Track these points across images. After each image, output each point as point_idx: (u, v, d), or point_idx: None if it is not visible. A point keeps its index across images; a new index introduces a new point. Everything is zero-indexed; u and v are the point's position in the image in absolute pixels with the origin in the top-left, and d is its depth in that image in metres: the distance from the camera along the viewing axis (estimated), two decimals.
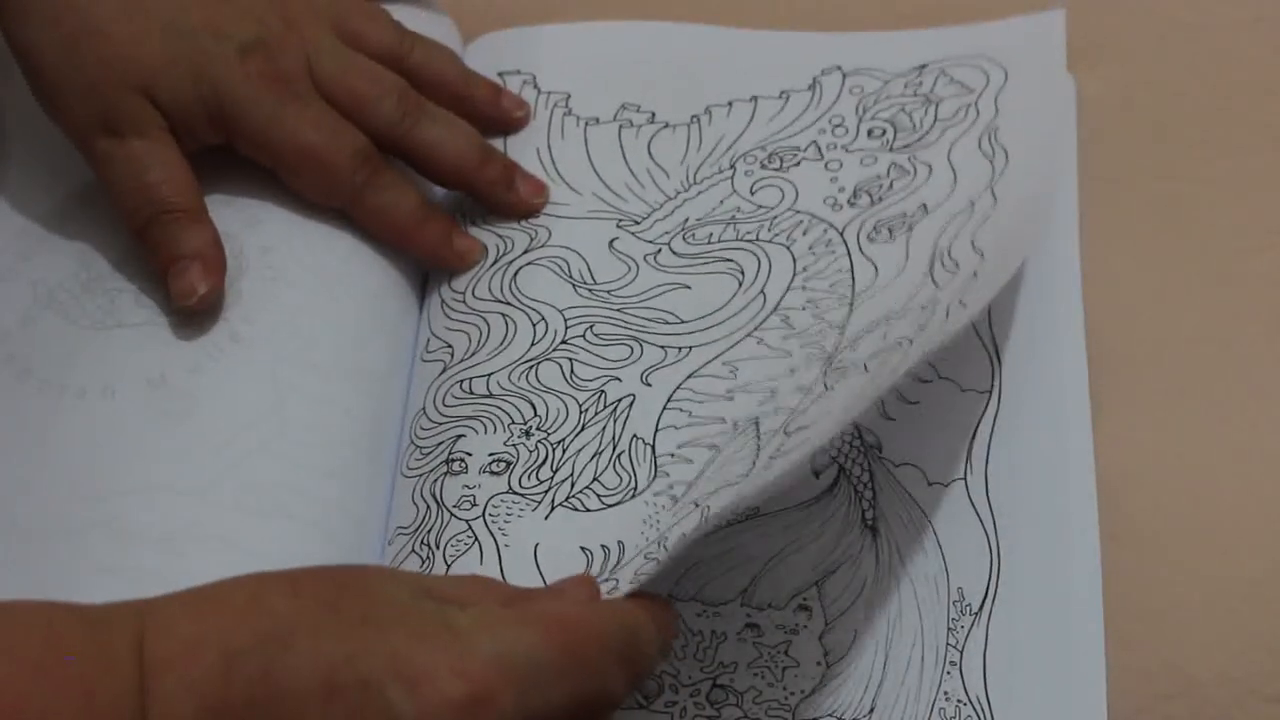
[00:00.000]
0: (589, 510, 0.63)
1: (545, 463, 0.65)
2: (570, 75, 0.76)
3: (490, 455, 0.65)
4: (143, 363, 0.66)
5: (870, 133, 0.73)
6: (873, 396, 0.59)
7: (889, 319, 0.65)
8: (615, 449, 0.65)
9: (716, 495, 0.61)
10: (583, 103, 0.75)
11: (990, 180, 0.69)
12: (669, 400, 0.66)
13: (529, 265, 0.70)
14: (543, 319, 0.69)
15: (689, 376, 0.67)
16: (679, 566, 0.62)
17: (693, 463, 0.64)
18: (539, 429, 0.66)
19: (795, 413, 0.63)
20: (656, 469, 0.64)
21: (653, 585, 0.56)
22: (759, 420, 0.64)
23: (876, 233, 0.69)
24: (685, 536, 0.58)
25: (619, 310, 0.69)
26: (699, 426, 0.65)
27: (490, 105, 0.74)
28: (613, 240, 0.71)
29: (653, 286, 0.69)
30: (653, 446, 0.65)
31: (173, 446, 0.64)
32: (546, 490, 0.64)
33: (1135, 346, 0.68)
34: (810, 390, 0.64)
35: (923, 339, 0.61)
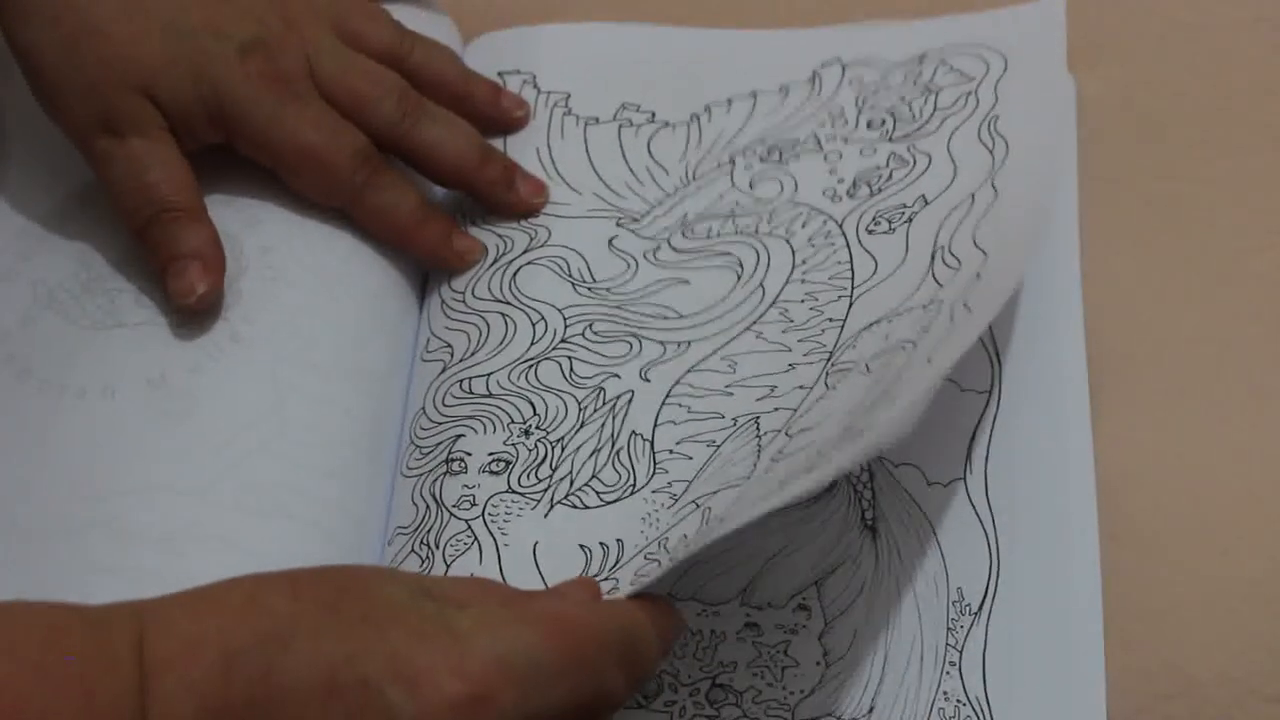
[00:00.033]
0: (588, 508, 0.63)
1: (544, 461, 0.65)
2: (570, 75, 0.76)
3: (490, 455, 0.65)
4: (143, 363, 0.66)
5: (870, 123, 0.72)
6: (876, 398, 0.59)
7: (890, 318, 0.64)
8: (614, 446, 0.65)
9: (717, 496, 0.61)
10: (582, 102, 0.75)
11: (990, 171, 0.68)
12: (667, 396, 0.66)
13: (529, 265, 0.70)
14: (542, 318, 0.69)
15: (688, 372, 0.67)
16: (680, 567, 0.62)
17: (691, 459, 0.64)
18: (538, 428, 0.66)
19: (797, 414, 0.63)
20: (655, 465, 0.64)
21: (653, 585, 0.56)
22: (759, 418, 0.64)
23: (876, 224, 0.69)
24: (686, 538, 0.58)
25: (618, 307, 0.69)
26: (697, 422, 0.65)
27: (490, 105, 0.74)
28: (612, 239, 0.71)
29: (652, 283, 0.69)
30: (651, 443, 0.65)
31: (173, 446, 0.64)
32: (546, 489, 0.64)
33: (1135, 346, 0.67)
34: (811, 389, 0.64)
35: (927, 342, 0.61)
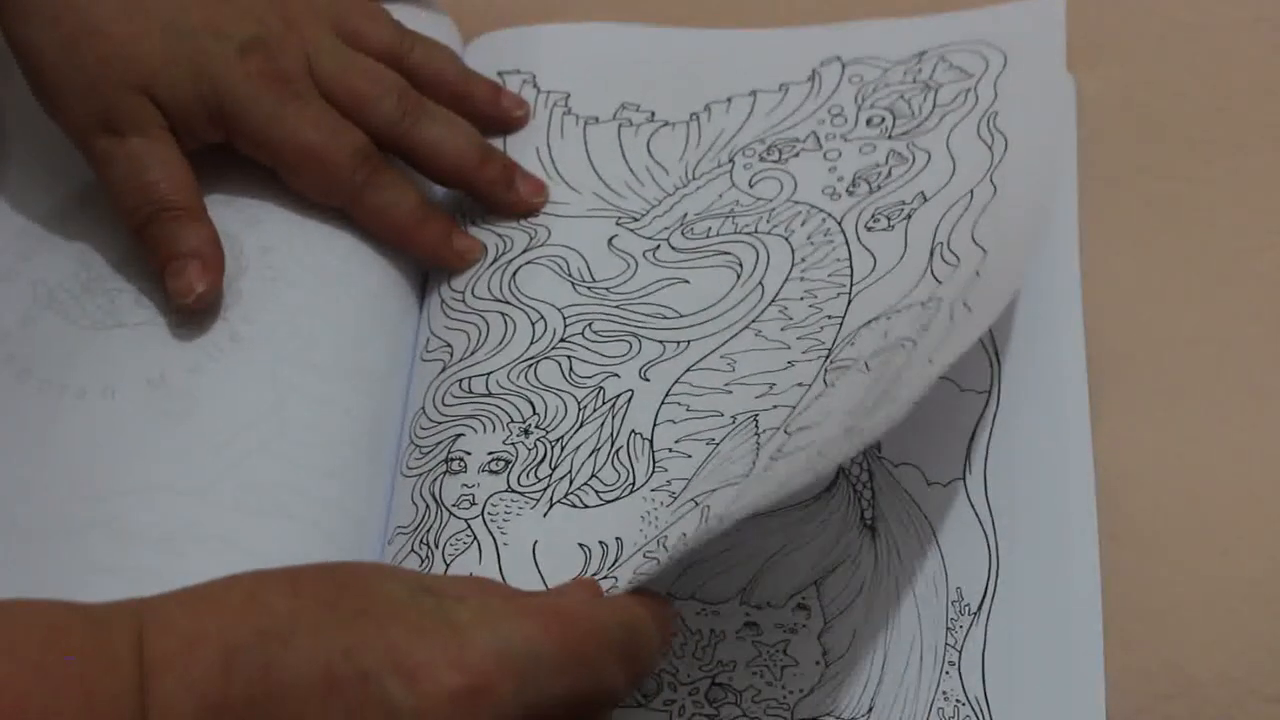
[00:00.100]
0: (587, 507, 0.63)
1: (544, 461, 0.65)
2: (570, 75, 0.76)
3: (489, 454, 0.65)
4: (143, 363, 0.66)
5: (869, 121, 0.72)
6: (877, 398, 0.59)
7: (889, 314, 0.64)
8: (613, 445, 0.65)
9: (716, 494, 0.61)
10: (582, 102, 0.75)
11: (989, 168, 0.68)
12: (667, 395, 0.66)
13: (528, 264, 0.70)
14: (542, 318, 0.69)
15: (687, 370, 0.67)
16: (679, 565, 0.62)
17: (690, 457, 0.64)
18: (538, 427, 0.66)
19: (796, 411, 0.63)
20: (654, 464, 0.64)
21: (652, 584, 0.56)
22: (758, 417, 0.64)
23: (875, 221, 0.69)
24: (685, 537, 0.58)
25: (617, 307, 0.69)
26: (696, 420, 0.65)
27: (490, 104, 0.74)
28: (612, 238, 0.71)
29: (651, 282, 0.69)
30: (650, 441, 0.65)
31: (173, 446, 0.64)
32: (545, 488, 0.64)
33: (1135, 346, 0.67)
34: (810, 387, 0.64)
35: (927, 341, 0.61)
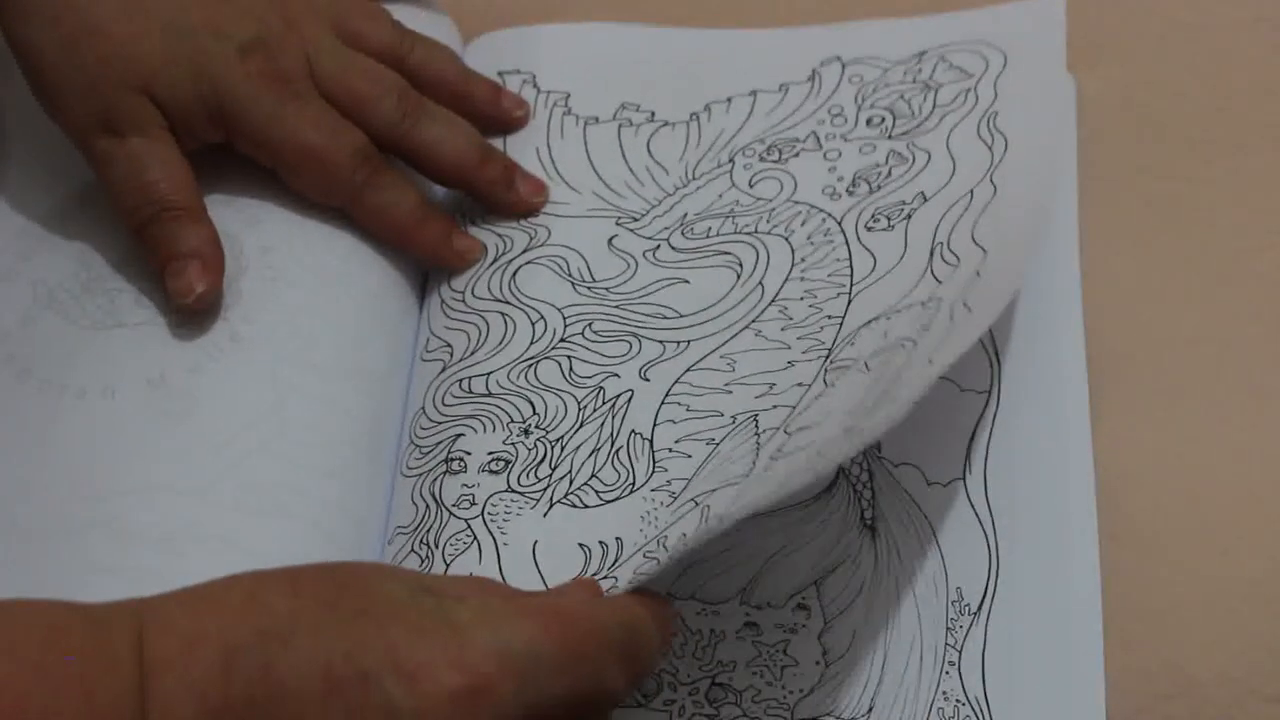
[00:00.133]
0: (587, 507, 0.63)
1: (544, 461, 0.65)
2: (570, 75, 0.76)
3: (489, 454, 0.65)
4: (143, 363, 0.66)
5: (869, 121, 0.72)
6: (877, 398, 0.59)
7: (888, 314, 0.64)
8: (613, 445, 0.65)
9: (716, 494, 0.61)
10: (582, 102, 0.75)
11: (989, 168, 0.68)
12: (667, 395, 0.66)
13: (528, 264, 0.70)
14: (541, 318, 0.69)
15: (687, 370, 0.66)
16: (679, 565, 0.62)
17: (690, 457, 0.64)
18: (538, 427, 0.66)
19: (795, 412, 0.63)
20: (654, 464, 0.64)
21: (652, 584, 0.56)
22: (758, 417, 0.64)
23: (875, 221, 0.69)
24: (685, 537, 0.58)
25: (617, 307, 0.69)
26: (697, 421, 0.65)
27: (490, 104, 0.74)
28: (612, 238, 0.71)
29: (651, 282, 0.69)
30: (650, 441, 0.65)
31: (173, 446, 0.64)
32: (545, 488, 0.64)
33: (1135, 346, 0.67)
34: (810, 387, 0.64)
35: (928, 341, 0.61)
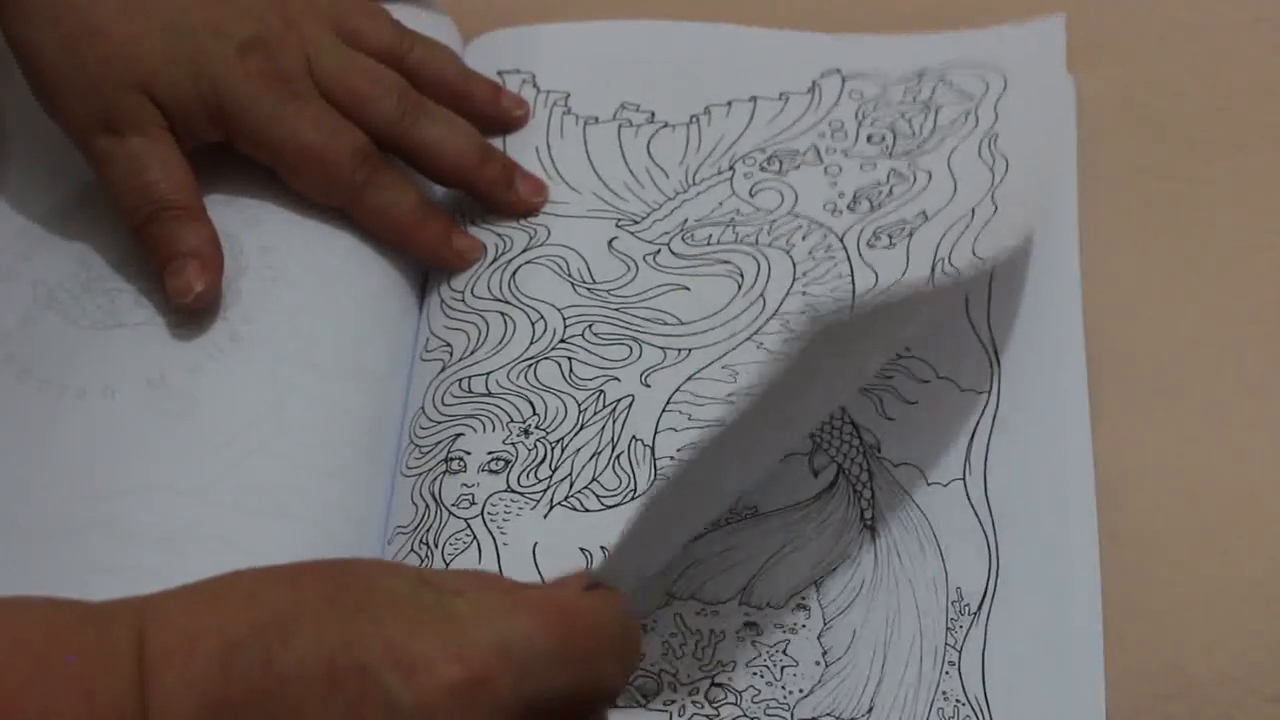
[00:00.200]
0: (588, 510, 0.63)
1: (544, 462, 0.65)
2: (569, 74, 0.76)
3: (489, 454, 0.65)
4: (143, 363, 0.66)
5: (870, 138, 0.73)
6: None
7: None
8: (614, 450, 0.65)
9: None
10: (582, 102, 0.75)
11: (991, 188, 0.69)
12: (668, 402, 0.66)
13: (528, 264, 0.70)
14: (541, 318, 0.69)
15: (689, 379, 0.67)
16: (677, 565, 0.62)
17: None
18: (538, 428, 0.66)
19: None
20: (656, 472, 0.64)
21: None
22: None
23: (876, 239, 0.69)
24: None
25: (618, 310, 0.69)
26: (698, 430, 0.65)
27: (490, 104, 0.74)
28: (612, 240, 0.71)
29: (652, 287, 0.69)
30: (652, 449, 0.65)
31: (173, 446, 0.64)
32: (545, 489, 0.64)
33: (1135, 346, 0.67)
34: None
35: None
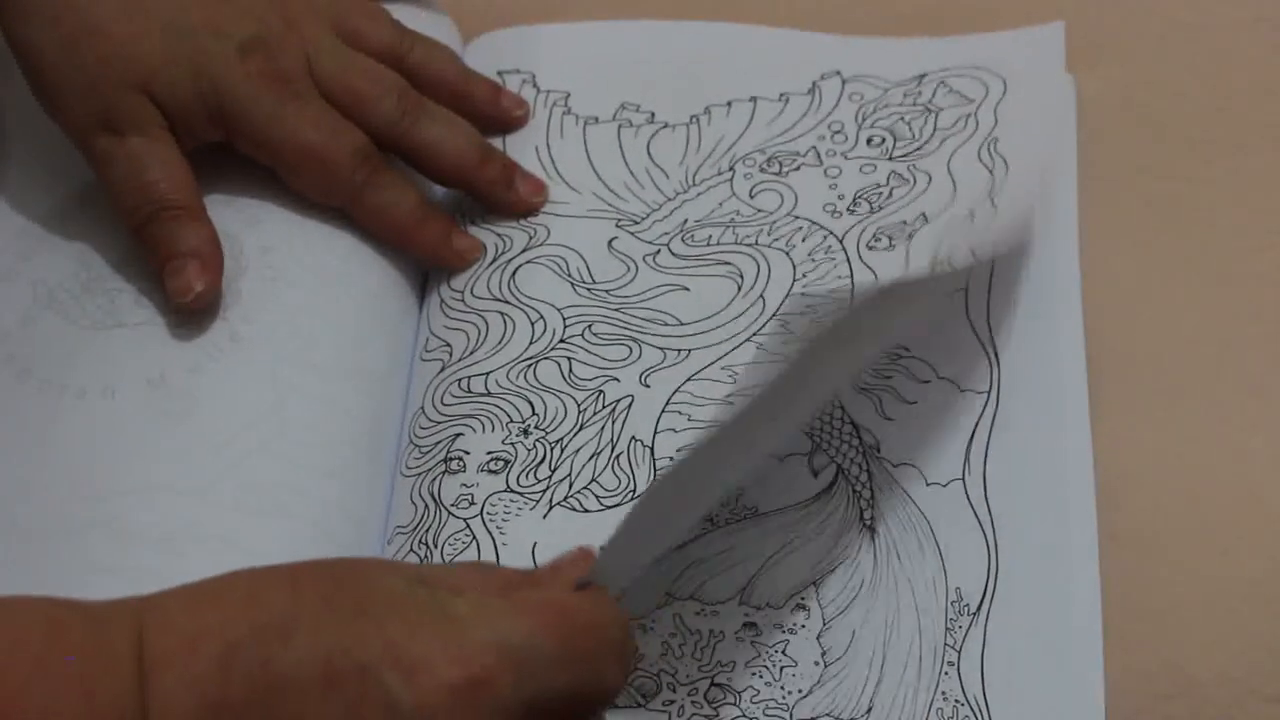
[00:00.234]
0: (587, 511, 0.63)
1: (543, 462, 0.65)
2: (569, 74, 0.76)
3: (488, 454, 0.65)
4: (143, 363, 0.66)
5: (870, 141, 0.73)
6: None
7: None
8: (614, 450, 0.65)
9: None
10: (582, 102, 0.75)
11: (990, 190, 0.69)
12: (668, 403, 0.66)
13: (528, 264, 0.70)
14: (541, 318, 0.69)
15: (688, 379, 0.67)
16: (676, 565, 0.62)
17: None
18: (537, 428, 0.66)
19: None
20: (655, 473, 0.64)
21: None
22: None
23: (876, 241, 0.69)
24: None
25: (617, 310, 0.69)
26: (698, 431, 0.65)
27: (490, 104, 0.74)
28: (612, 240, 0.71)
29: (652, 287, 0.69)
30: (651, 449, 0.65)
31: (173, 446, 0.64)
32: (545, 489, 0.64)
33: (1135, 346, 0.67)
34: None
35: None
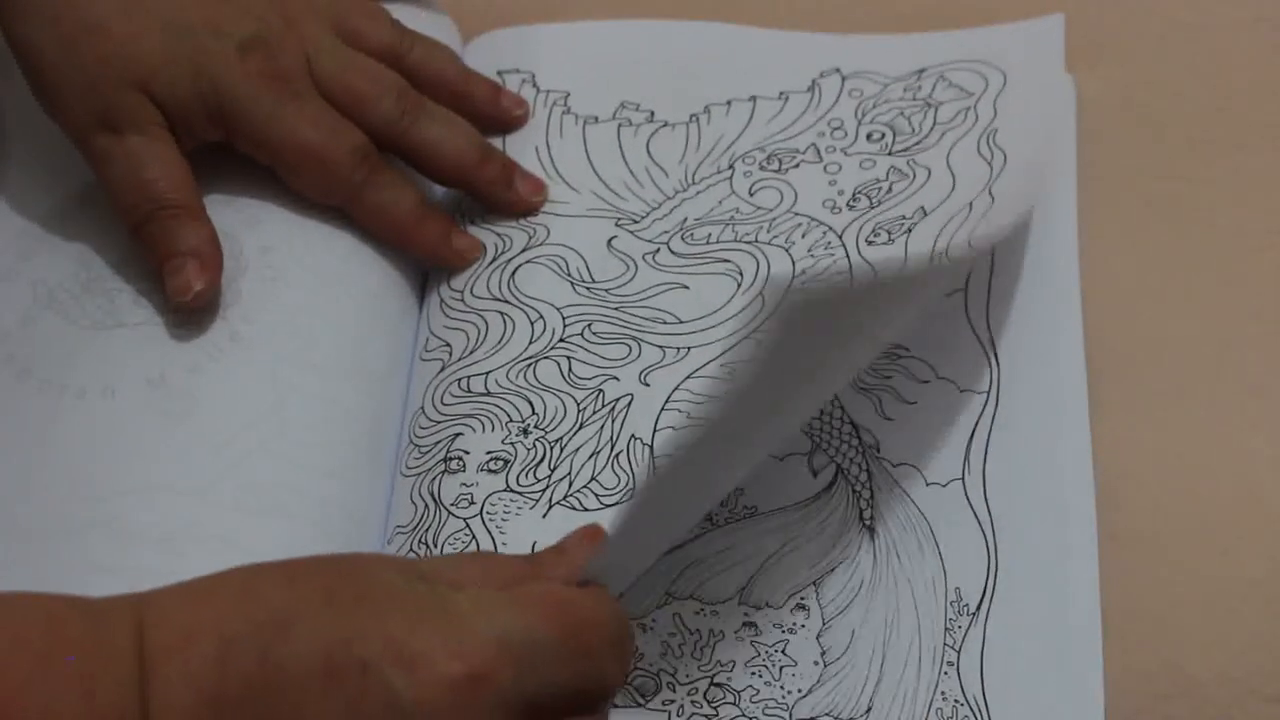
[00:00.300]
0: (587, 510, 0.63)
1: (543, 461, 0.65)
2: (569, 74, 0.76)
3: (488, 453, 0.65)
4: (143, 363, 0.66)
5: (869, 136, 0.73)
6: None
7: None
8: (613, 449, 0.65)
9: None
10: (582, 101, 0.75)
11: (988, 181, 0.69)
12: (667, 401, 0.66)
13: (527, 264, 0.70)
14: (541, 317, 0.69)
15: (687, 378, 0.67)
16: (676, 565, 0.62)
17: None
18: (537, 427, 0.66)
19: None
20: (654, 471, 0.64)
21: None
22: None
23: (875, 235, 0.69)
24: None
25: (617, 309, 0.69)
26: (697, 429, 0.65)
27: (489, 104, 0.74)
28: (611, 239, 0.71)
29: (651, 286, 0.69)
30: (651, 448, 0.65)
31: (173, 446, 0.64)
32: (544, 489, 0.64)
33: (1135, 346, 0.67)
34: None
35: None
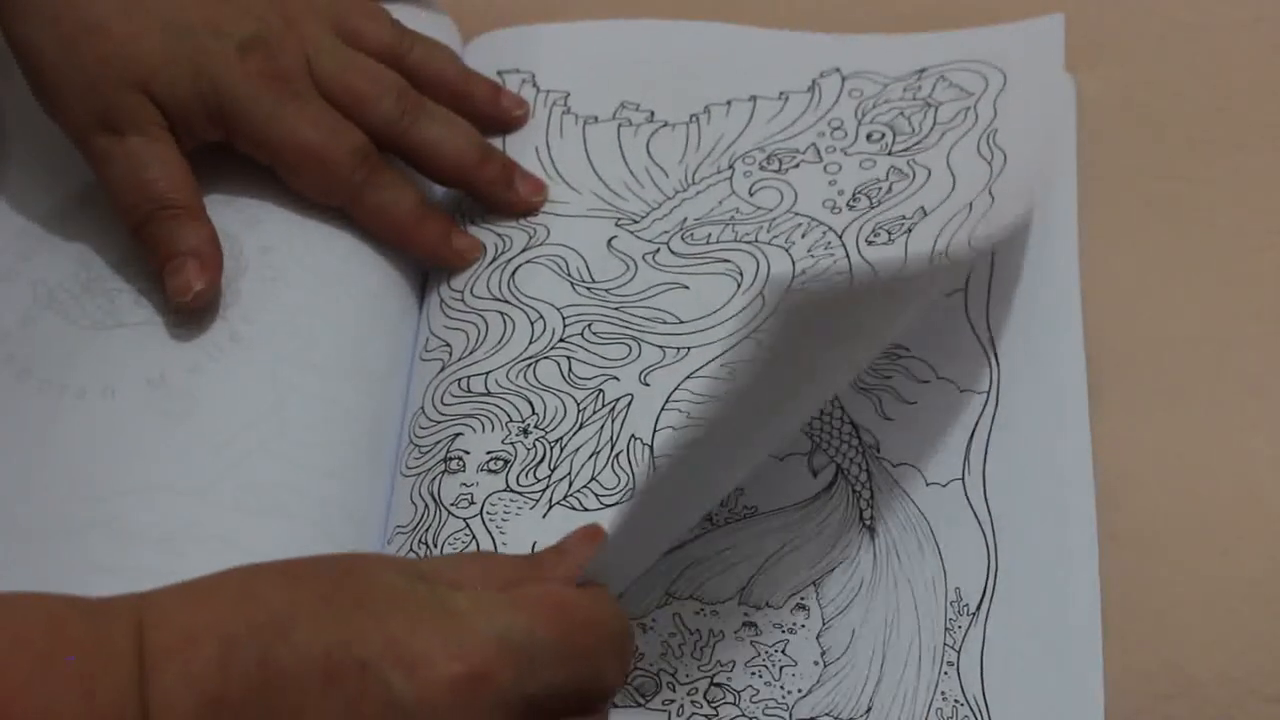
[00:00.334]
0: (587, 510, 0.63)
1: (543, 461, 0.65)
2: (569, 74, 0.76)
3: (488, 453, 0.65)
4: (143, 363, 0.66)
5: (869, 136, 0.73)
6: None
7: None
8: (613, 449, 0.65)
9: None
10: (582, 101, 0.75)
11: (988, 181, 0.69)
12: (667, 401, 0.66)
13: (527, 264, 0.70)
14: (541, 317, 0.69)
15: (688, 377, 0.66)
16: (676, 565, 0.62)
17: None
18: (537, 427, 0.66)
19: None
20: (654, 471, 0.64)
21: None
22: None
23: (875, 235, 0.69)
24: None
25: (617, 309, 0.69)
26: (697, 429, 0.65)
27: (489, 104, 0.74)
28: (611, 239, 0.71)
29: (651, 286, 0.69)
30: (651, 447, 0.65)
31: (173, 446, 0.64)
32: (544, 489, 0.64)
33: (1135, 346, 0.67)
34: None
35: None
